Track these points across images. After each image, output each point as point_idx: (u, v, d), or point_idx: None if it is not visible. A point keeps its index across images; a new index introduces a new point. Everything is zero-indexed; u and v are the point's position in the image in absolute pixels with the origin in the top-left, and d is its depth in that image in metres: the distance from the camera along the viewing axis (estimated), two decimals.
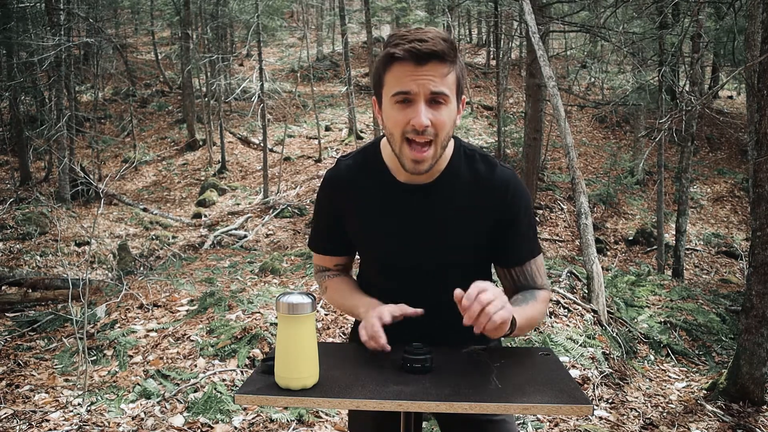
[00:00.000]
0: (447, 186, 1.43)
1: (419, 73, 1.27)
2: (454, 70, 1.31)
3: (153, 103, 18.90)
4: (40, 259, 9.05)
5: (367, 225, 1.50)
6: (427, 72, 1.27)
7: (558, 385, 1.27)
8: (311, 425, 3.16)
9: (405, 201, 1.44)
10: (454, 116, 1.34)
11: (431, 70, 1.27)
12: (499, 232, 1.45)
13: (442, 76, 1.28)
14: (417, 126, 1.28)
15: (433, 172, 1.41)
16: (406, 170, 1.36)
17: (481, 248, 1.48)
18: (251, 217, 11.39)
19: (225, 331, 4.01)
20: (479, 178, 1.43)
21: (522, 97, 15.54)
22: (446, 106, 1.30)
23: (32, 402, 3.36)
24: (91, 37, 14.06)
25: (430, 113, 1.29)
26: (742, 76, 8.08)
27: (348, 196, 1.50)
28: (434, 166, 1.37)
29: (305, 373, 1.26)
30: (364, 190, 1.48)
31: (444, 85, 1.29)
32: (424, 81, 1.27)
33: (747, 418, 3.46)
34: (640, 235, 10.83)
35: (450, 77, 1.30)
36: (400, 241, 1.47)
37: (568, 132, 5.13)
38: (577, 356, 3.93)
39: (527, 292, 1.48)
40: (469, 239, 1.45)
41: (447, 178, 1.43)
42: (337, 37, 23.24)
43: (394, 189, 1.45)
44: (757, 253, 3.50)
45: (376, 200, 1.47)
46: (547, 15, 9.53)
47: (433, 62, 1.27)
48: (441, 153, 1.35)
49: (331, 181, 1.52)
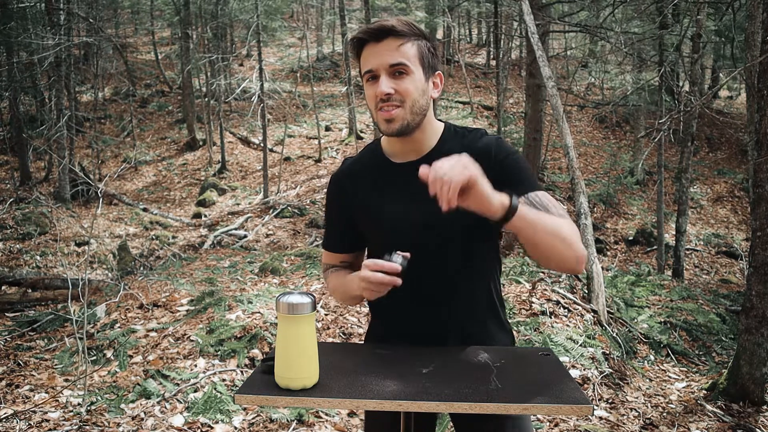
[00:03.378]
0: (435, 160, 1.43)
1: (377, 50, 1.42)
2: (415, 45, 1.43)
3: (153, 103, 18.90)
4: (39, 259, 9.05)
5: (369, 210, 1.56)
6: (383, 48, 1.42)
7: (558, 385, 1.27)
8: (311, 425, 3.16)
9: (399, 179, 1.52)
10: (421, 86, 1.44)
11: (387, 45, 1.42)
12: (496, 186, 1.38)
13: (399, 50, 1.41)
14: (380, 95, 1.41)
15: (422, 149, 1.51)
16: (382, 132, 1.48)
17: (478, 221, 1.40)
18: (251, 217, 11.39)
19: (225, 331, 4.01)
20: (468, 149, 1.43)
21: (522, 97, 15.55)
22: (408, 76, 1.42)
23: (32, 402, 3.36)
24: (91, 37, 14.06)
25: (393, 83, 1.42)
26: (742, 76, 8.08)
27: (351, 188, 1.59)
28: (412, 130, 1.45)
29: (305, 373, 1.26)
30: (364, 179, 1.58)
31: (401, 56, 1.41)
32: (382, 56, 1.41)
33: (747, 418, 3.46)
34: (640, 235, 10.83)
35: (407, 49, 1.42)
36: (400, 220, 1.51)
37: (567, 132, 5.13)
38: (577, 356, 3.93)
39: None
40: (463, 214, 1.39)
41: (436, 155, 1.45)
42: (337, 37, 23.24)
43: (388, 170, 1.54)
44: (757, 253, 3.50)
45: (374, 184, 1.56)
46: (546, 15, 9.53)
47: (389, 39, 1.42)
48: (415, 119, 1.44)
49: (334, 179, 1.64)
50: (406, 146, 1.52)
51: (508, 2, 13.02)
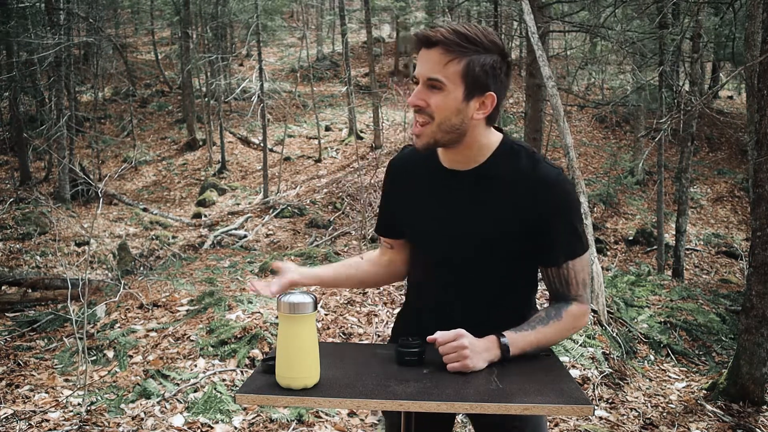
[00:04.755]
0: (484, 176, 1.45)
1: (425, 58, 1.38)
2: (464, 60, 1.35)
3: (153, 103, 18.90)
4: (39, 259, 9.06)
5: (408, 206, 1.56)
6: (430, 57, 1.37)
7: (558, 385, 1.27)
8: (311, 425, 3.16)
9: (441, 183, 1.50)
10: (456, 104, 1.37)
11: (433, 55, 1.36)
12: (537, 228, 1.42)
13: (442, 64, 1.35)
14: (409, 103, 1.40)
15: (472, 161, 1.46)
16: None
17: (511, 245, 1.45)
18: (251, 217, 11.40)
19: (225, 331, 4.01)
20: (519, 173, 1.43)
21: (522, 97, 15.54)
22: (442, 92, 1.37)
23: (32, 402, 3.36)
24: (91, 37, 14.05)
25: (425, 95, 1.38)
26: (742, 76, 8.08)
27: (400, 180, 1.59)
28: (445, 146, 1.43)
29: (306, 373, 1.26)
30: (413, 174, 1.57)
31: (441, 72, 1.35)
32: (424, 65, 1.37)
33: (747, 418, 3.46)
34: (640, 235, 10.83)
35: (452, 67, 1.35)
36: (432, 225, 1.51)
37: (567, 132, 5.13)
38: (577, 356, 3.93)
39: (555, 308, 1.46)
40: (498, 232, 1.44)
41: (485, 169, 1.45)
42: (337, 37, 23.23)
43: (435, 172, 1.51)
44: (757, 253, 3.50)
45: (418, 182, 1.55)
46: (546, 15, 9.53)
47: (437, 49, 1.36)
48: (445, 137, 1.40)
49: (390, 165, 1.64)
50: (451, 156, 1.48)
51: (508, 2, 13.02)
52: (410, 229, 1.58)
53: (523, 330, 1.41)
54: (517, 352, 1.39)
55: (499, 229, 1.43)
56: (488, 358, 1.36)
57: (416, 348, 1.37)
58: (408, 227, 1.59)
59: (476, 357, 1.33)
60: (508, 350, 1.37)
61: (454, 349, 1.33)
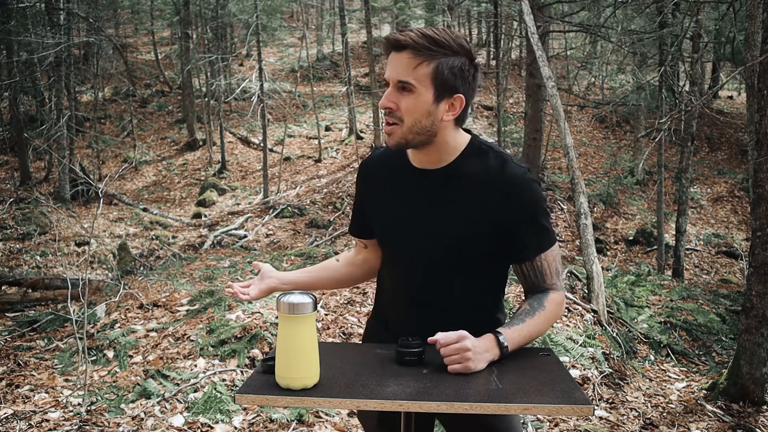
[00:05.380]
0: (453, 175, 1.47)
1: (394, 61, 1.40)
2: (433, 63, 1.37)
3: (153, 103, 18.90)
4: (39, 259, 9.06)
5: (378, 206, 1.58)
6: (400, 60, 1.39)
7: (558, 385, 1.27)
8: (311, 425, 3.16)
9: (410, 183, 1.51)
10: (426, 107, 1.39)
11: (403, 59, 1.39)
12: (506, 229, 1.45)
13: (411, 67, 1.38)
14: (381, 106, 1.42)
15: (441, 161, 1.48)
16: None
17: (480, 245, 1.47)
18: (251, 217, 11.40)
19: (225, 331, 4.01)
20: (487, 172, 1.44)
21: (522, 97, 15.54)
22: (413, 94, 1.39)
23: (32, 402, 3.36)
24: (91, 37, 14.05)
25: (395, 98, 1.40)
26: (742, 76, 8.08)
27: (371, 180, 1.61)
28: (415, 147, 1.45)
29: (306, 373, 1.26)
30: (383, 175, 1.59)
31: (411, 75, 1.38)
32: (395, 68, 1.40)
33: (747, 418, 3.46)
34: (640, 235, 10.83)
35: (422, 69, 1.37)
36: (401, 225, 1.52)
37: (567, 132, 5.13)
38: (577, 356, 3.93)
39: (536, 299, 1.49)
40: (467, 232, 1.45)
41: (454, 168, 1.47)
42: (337, 37, 23.23)
43: (405, 172, 1.53)
44: (757, 253, 3.50)
45: (388, 183, 1.56)
46: (546, 15, 9.53)
47: (407, 52, 1.38)
48: (415, 138, 1.42)
49: (361, 165, 1.67)
50: (421, 156, 1.50)
51: (508, 2, 13.01)
52: (380, 229, 1.60)
53: (515, 325, 1.43)
54: (514, 348, 1.41)
55: (469, 229, 1.45)
56: (489, 359, 1.37)
57: (416, 348, 1.38)
58: (378, 227, 1.60)
59: (478, 358, 1.34)
60: (506, 348, 1.39)
61: (456, 351, 1.33)
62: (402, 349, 1.38)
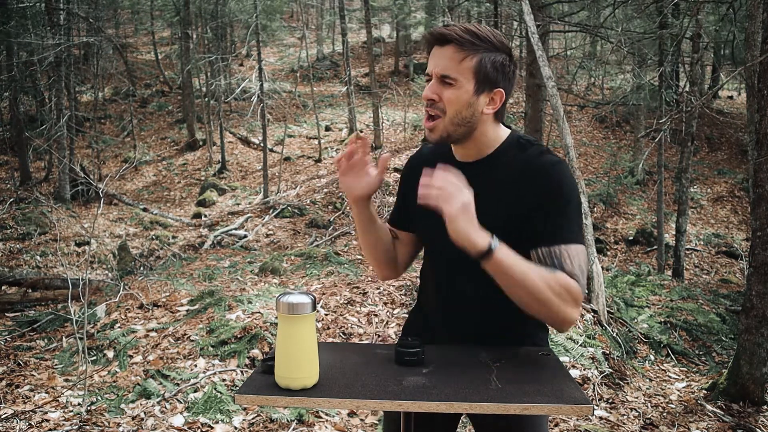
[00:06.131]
0: (490, 167, 1.49)
1: (438, 55, 1.44)
2: (476, 57, 1.41)
3: (153, 103, 18.91)
4: (40, 259, 9.06)
5: None
6: (443, 54, 1.43)
7: (558, 385, 1.27)
8: (311, 425, 3.16)
9: None
10: (467, 98, 1.43)
11: (447, 53, 1.42)
12: (532, 215, 1.41)
13: (456, 61, 1.41)
14: (424, 98, 1.45)
15: (480, 153, 1.51)
16: None
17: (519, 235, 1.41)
18: (251, 217, 11.40)
19: (225, 331, 4.01)
20: (524, 162, 1.45)
21: (522, 97, 15.53)
22: (454, 88, 1.42)
23: (32, 402, 3.36)
24: (91, 37, 14.06)
25: (438, 90, 1.43)
26: (742, 76, 8.08)
27: (413, 175, 1.59)
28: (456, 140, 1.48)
29: (305, 373, 1.26)
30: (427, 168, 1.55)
31: (454, 69, 1.41)
32: (438, 62, 1.43)
33: (747, 418, 3.46)
34: (640, 235, 10.83)
35: (466, 63, 1.41)
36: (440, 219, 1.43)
37: (567, 132, 5.13)
38: (577, 356, 3.93)
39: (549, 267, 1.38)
40: (505, 223, 1.42)
41: (493, 160, 1.49)
42: (337, 37, 23.24)
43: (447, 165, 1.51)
44: (757, 253, 3.50)
45: None
46: (546, 15, 9.53)
47: (450, 47, 1.42)
48: (457, 130, 1.45)
49: (407, 162, 1.70)
50: (462, 150, 1.52)
51: (508, 2, 13.01)
52: (421, 222, 1.60)
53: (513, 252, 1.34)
54: (500, 258, 1.31)
55: (507, 220, 1.43)
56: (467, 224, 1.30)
57: (416, 348, 1.38)
58: (419, 222, 1.61)
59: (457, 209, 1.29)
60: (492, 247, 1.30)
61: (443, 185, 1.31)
62: (402, 349, 1.38)
